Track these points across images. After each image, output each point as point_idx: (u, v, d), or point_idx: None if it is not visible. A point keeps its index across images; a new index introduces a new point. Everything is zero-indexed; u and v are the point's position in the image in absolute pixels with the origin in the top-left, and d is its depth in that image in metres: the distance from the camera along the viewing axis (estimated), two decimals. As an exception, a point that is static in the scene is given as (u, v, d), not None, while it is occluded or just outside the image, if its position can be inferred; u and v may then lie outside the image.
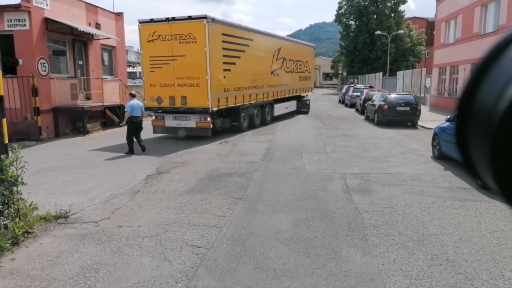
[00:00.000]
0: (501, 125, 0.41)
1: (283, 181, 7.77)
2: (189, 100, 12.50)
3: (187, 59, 12.22)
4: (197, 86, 12.32)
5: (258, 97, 16.05)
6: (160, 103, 12.87)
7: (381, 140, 12.94)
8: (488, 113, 0.42)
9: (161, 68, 12.56)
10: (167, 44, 12.28)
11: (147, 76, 12.88)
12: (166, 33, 12.25)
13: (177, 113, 12.80)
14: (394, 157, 10.10)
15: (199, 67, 12.16)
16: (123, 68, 18.86)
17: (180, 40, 12.18)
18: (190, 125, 12.78)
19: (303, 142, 12.66)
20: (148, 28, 12.44)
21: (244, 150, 11.27)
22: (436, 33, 26.30)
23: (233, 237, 5.05)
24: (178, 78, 12.46)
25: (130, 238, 5.02)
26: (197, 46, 12.04)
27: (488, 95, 0.43)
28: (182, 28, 12.11)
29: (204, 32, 11.93)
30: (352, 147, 11.54)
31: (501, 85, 0.42)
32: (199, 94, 12.33)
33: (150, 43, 12.48)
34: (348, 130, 15.33)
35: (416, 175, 8.16)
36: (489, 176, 0.44)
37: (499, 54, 0.45)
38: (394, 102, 16.15)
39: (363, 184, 7.52)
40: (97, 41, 16.45)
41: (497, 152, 0.42)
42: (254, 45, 15.32)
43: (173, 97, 12.66)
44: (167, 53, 12.36)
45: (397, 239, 4.93)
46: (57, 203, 6.14)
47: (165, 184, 7.58)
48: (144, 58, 12.81)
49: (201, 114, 12.60)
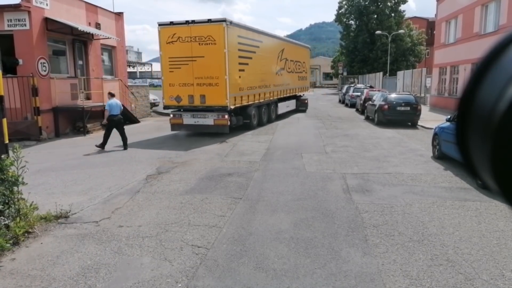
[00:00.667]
0: (501, 125, 0.41)
1: (283, 181, 7.77)
2: (208, 99, 13.06)
3: (206, 60, 12.75)
4: (216, 85, 12.88)
5: (266, 96, 16.70)
6: (179, 101, 13.38)
7: (381, 140, 12.94)
8: (488, 113, 0.42)
9: (180, 68, 13.07)
10: (187, 45, 12.82)
11: (166, 76, 13.35)
12: (186, 35, 12.79)
13: (195, 111, 13.32)
14: (394, 157, 10.10)
15: (218, 67, 12.73)
16: (123, 68, 18.87)
17: (199, 42, 12.74)
18: (208, 123, 13.31)
19: (303, 142, 12.66)
20: (168, 30, 12.93)
21: (244, 150, 11.27)
22: (436, 33, 26.30)
23: (233, 237, 5.05)
24: (197, 77, 12.99)
25: (130, 238, 5.02)
26: (216, 48, 12.60)
27: (488, 95, 0.43)
28: (202, 31, 12.69)
29: (223, 34, 12.52)
30: (352, 147, 11.54)
31: (501, 85, 0.42)
32: (218, 93, 12.90)
33: (170, 44, 12.98)
34: (348, 130, 15.33)
35: (416, 175, 8.16)
36: (489, 176, 0.45)
37: (499, 54, 0.45)
38: (394, 102, 16.15)
39: (363, 184, 7.52)
40: (97, 41, 16.45)
41: (497, 152, 0.42)
42: (262, 47, 15.96)
43: (192, 96, 13.18)
44: (187, 54, 12.88)
45: (397, 239, 4.93)
46: (57, 203, 6.14)
47: (165, 184, 7.59)
48: (163, 59, 13.24)
49: (219, 112, 13.15)
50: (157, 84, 63.97)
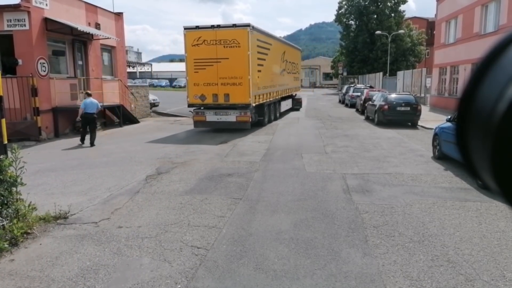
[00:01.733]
0: (501, 125, 0.41)
1: (283, 181, 7.75)
2: (232, 97, 14.00)
3: (231, 61, 13.73)
4: (240, 85, 13.88)
5: (274, 95, 17.86)
6: (204, 100, 14.24)
7: (381, 140, 12.93)
8: (488, 113, 0.42)
9: (205, 69, 13.98)
10: (212, 48, 13.76)
11: (191, 76, 14.25)
12: (211, 39, 13.74)
13: (218, 109, 14.20)
14: (394, 157, 10.08)
15: (242, 68, 13.77)
16: (123, 68, 18.85)
17: (224, 45, 13.69)
18: (230, 119, 14.22)
19: (303, 142, 12.65)
20: (193, 34, 13.89)
21: (244, 150, 11.25)
22: (436, 33, 26.30)
23: (233, 237, 5.03)
24: (221, 77, 13.93)
25: (130, 239, 5.00)
26: (240, 50, 13.64)
27: (488, 95, 0.43)
28: (227, 34, 13.67)
29: (247, 38, 13.58)
30: (352, 147, 11.52)
31: (501, 85, 0.42)
32: (242, 92, 13.89)
33: (195, 47, 13.89)
34: (348, 130, 15.31)
35: (416, 175, 8.14)
36: (489, 176, 0.44)
37: (499, 54, 0.45)
38: (394, 102, 16.13)
39: (363, 184, 7.50)
40: (97, 41, 16.44)
41: (497, 152, 0.42)
42: (272, 49, 17.11)
43: (216, 95, 14.09)
44: (212, 56, 13.81)
45: (397, 240, 4.91)
46: (57, 203, 6.12)
47: (165, 185, 7.57)
48: (189, 60, 14.16)
49: (241, 110, 14.09)
50: (157, 84, 64.08)
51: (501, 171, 0.43)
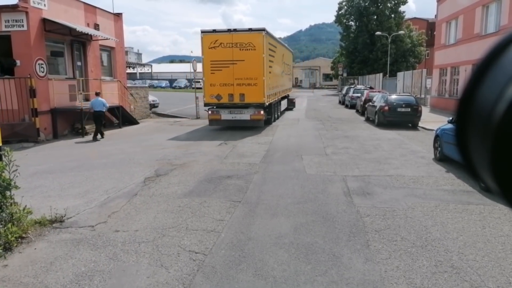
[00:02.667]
0: (500, 126, 0.40)
1: (283, 183, 7.65)
2: (247, 97, 14.78)
3: (246, 63, 14.51)
4: (255, 85, 14.68)
5: (278, 95, 18.84)
6: (219, 99, 14.94)
7: (382, 141, 12.83)
8: (488, 113, 0.42)
9: (221, 70, 14.73)
10: (228, 50, 14.52)
11: (207, 77, 14.94)
12: (227, 41, 14.51)
13: (232, 108, 14.96)
14: (395, 159, 9.98)
15: (257, 69, 14.60)
16: (122, 69, 18.76)
17: (240, 48, 14.49)
18: (244, 118, 15.04)
19: (303, 143, 12.55)
20: (210, 37, 14.63)
21: (244, 152, 11.16)
22: (436, 34, 26.21)
23: (231, 242, 4.93)
24: (237, 78, 14.69)
25: (126, 244, 4.90)
26: (256, 53, 14.48)
27: (488, 96, 0.43)
28: (243, 38, 14.50)
29: (262, 42, 14.46)
30: (353, 149, 11.42)
31: (501, 85, 0.42)
32: (256, 92, 14.71)
33: (212, 49, 14.61)
34: (349, 132, 15.22)
35: (417, 178, 8.04)
36: (489, 176, 0.44)
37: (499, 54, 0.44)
38: (394, 103, 16.04)
39: (364, 186, 7.41)
40: (96, 42, 16.35)
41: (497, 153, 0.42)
42: (277, 52, 18.17)
43: (232, 95, 14.85)
44: (228, 58, 14.58)
45: (400, 245, 4.81)
46: (53, 206, 6.03)
47: (163, 187, 7.47)
48: (205, 62, 14.82)
49: (255, 108, 14.90)
50: (157, 85, 63.97)
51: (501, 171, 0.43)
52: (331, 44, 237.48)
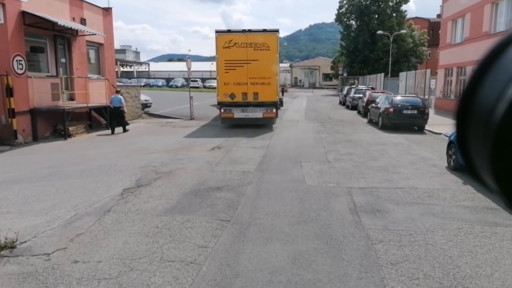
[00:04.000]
0: (501, 126, 0.40)
1: (280, 197, 6.70)
2: (261, 96, 15.08)
3: (260, 63, 14.80)
4: (268, 84, 15.04)
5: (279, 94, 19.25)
6: (233, 98, 15.15)
7: (388, 146, 11.89)
8: (488, 113, 0.41)
9: (235, 69, 14.96)
10: (243, 50, 14.81)
11: (221, 76, 15.12)
12: (242, 42, 14.79)
13: (245, 106, 15.22)
14: (404, 167, 9.04)
15: (271, 69, 14.95)
16: (111, 66, 17.77)
17: (254, 48, 14.78)
18: (257, 116, 15.32)
19: (303, 148, 11.60)
20: (225, 37, 14.87)
21: (238, 157, 10.20)
22: (442, 33, 25.27)
23: (214, 279, 3.97)
24: (251, 78, 14.96)
25: (83, 281, 3.94)
26: (270, 53, 14.84)
27: (488, 96, 0.42)
28: (257, 38, 14.82)
29: (276, 42, 14.94)
30: (357, 155, 10.48)
31: (501, 85, 0.41)
32: (270, 90, 15.13)
33: (226, 49, 14.82)
34: (351, 135, 14.27)
35: (432, 191, 7.09)
36: (490, 176, 0.43)
37: (499, 54, 0.43)
38: (400, 105, 15.09)
39: (372, 202, 6.46)
40: (82, 38, 15.36)
41: (497, 152, 0.41)
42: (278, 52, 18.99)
43: (245, 93, 15.09)
44: (242, 58, 14.85)
45: (423, 285, 3.86)
46: (9, 226, 5.09)
47: (143, 201, 6.50)
48: (219, 61, 15.02)
49: (267, 106, 15.27)
50: (153, 84, 62.87)
51: (501, 171, 0.42)
52: (330, 44, 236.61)
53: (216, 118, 20.33)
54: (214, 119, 19.79)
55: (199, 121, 19.40)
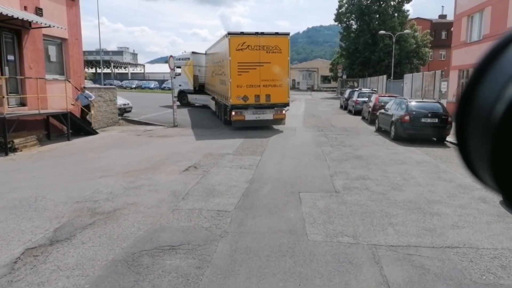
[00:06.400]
0: (500, 126, 0.40)
1: (266, 270, 4.18)
2: (273, 98, 15.28)
3: (272, 65, 14.97)
4: (280, 86, 15.32)
5: None
6: (246, 100, 15.14)
7: (409, 166, 9.41)
8: (487, 113, 0.42)
9: (248, 72, 14.96)
10: (255, 53, 14.89)
11: (234, 78, 14.92)
12: (255, 44, 14.86)
13: (255, 108, 15.32)
14: (443, 203, 6.54)
15: (283, 71, 15.22)
16: (78, 66, 15.20)
17: (267, 50, 14.93)
18: (267, 118, 15.58)
19: (302, 169, 9.10)
20: (238, 39, 14.82)
21: (216, 183, 7.69)
22: (455, 30, 22.86)
23: None
24: (263, 80, 15.10)
25: None
26: (281, 56, 15.08)
27: (488, 96, 0.43)
28: (270, 41, 14.96)
29: (288, 45, 15.19)
30: (373, 180, 7.99)
31: (500, 85, 0.41)
32: (281, 92, 15.37)
33: (239, 51, 14.77)
34: (360, 149, 11.78)
35: (503, 254, 4.59)
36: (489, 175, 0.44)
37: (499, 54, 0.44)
38: (417, 112, 12.63)
39: (416, 279, 3.96)
40: (38, 31, 12.81)
41: (496, 152, 0.41)
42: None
43: (258, 96, 15.21)
44: (255, 60, 14.93)
45: None
46: None
47: (39, 279, 3.97)
48: (233, 64, 14.84)
49: (277, 108, 15.51)
50: (145, 86, 60.24)
51: (501, 171, 0.42)
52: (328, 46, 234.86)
53: (204, 125, 17.83)
54: (200, 126, 17.30)
55: (183, 128, 16.90)
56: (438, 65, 44.72)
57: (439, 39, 54.43)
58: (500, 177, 0.42)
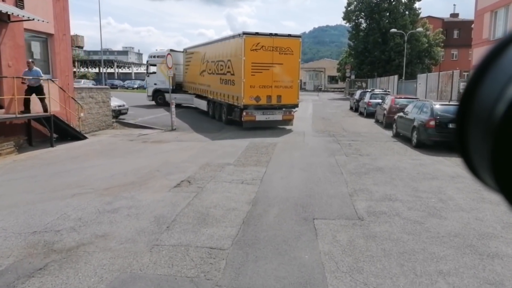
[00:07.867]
0: (500, 126, 0.40)
1: None
2: (283, 99, 15.49)
3: (284, 66, 15.20)
4: (291, 87, 15.58)
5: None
6: (258, 101, 15.23)
7: (443, 182, 7.94)
8: (488, 113, 0.42)
9: (262, 72, 15.01)
10: (269, 53, 14.99)
11: (248, 78, 14.89)
12: (269, 45, 14.95)
13: (265, 109, 15.46)
14: (500, 238, 5.08)
15: (294, 72, 15.53)
16: (66, 64, 13.89)
17: (279, 51, 15.08)
18: (277, 118, 15.78)
19: (314, 185, 7.68)
20: (253, 40, 14.81)
21: (211, 205, 6.31)
22: (476, 27, 21.29)
23: None
24: (275, 81, 15.26)
25: None
26: (293, 57, 15.34)
27: (488, 95, 0.43)
28: (282, 42, 15.12)
29: (299, 47, 15.50)
30: (402, 202, 6.55)
31: (501, 85, 0.41)
32: (292, 93, 15.65)
33: (254, 51, 14.79)
34: (380, 159, 10.33)
35: None
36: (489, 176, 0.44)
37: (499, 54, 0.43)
38: (444, 117, 11.14)
39: None
40: (18, 25, 11.53)
41: (496, 152, 0.41)
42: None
43: (270, 96, 15.33)
44: (268, 61, 15.05)
45: None
46: None
47: None
48: (246, 64, 14.80)
49: (286, 109, 15.77)
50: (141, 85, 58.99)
51: (501, 171, 0.42)
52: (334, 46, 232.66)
53: (204, 127, 16.47)
54: (201, 130, 15.95)
55: (181, 132, 15.57)
56: (450, 65, 43.02)
57: (451, 38, 52.63)
58: (501, 177, 0.42)
